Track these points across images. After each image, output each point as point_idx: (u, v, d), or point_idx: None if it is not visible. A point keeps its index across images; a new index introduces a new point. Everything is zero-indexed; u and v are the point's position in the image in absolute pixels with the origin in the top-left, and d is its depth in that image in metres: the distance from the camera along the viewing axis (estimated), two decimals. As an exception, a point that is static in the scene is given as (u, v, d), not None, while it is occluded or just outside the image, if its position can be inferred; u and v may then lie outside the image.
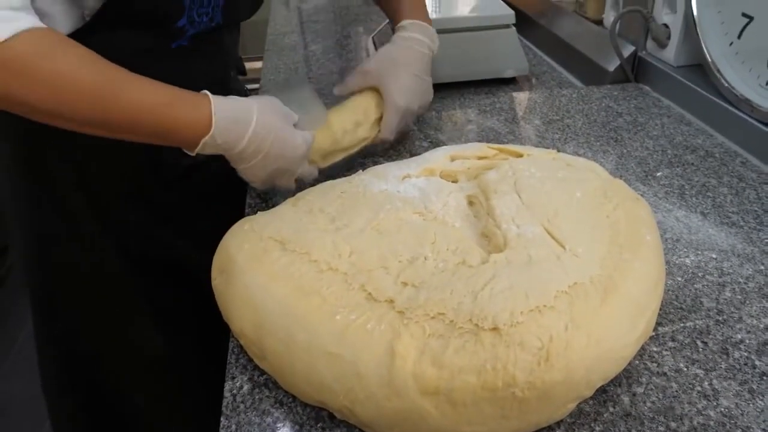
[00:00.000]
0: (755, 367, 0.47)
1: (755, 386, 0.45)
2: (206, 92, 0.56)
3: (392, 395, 0.40)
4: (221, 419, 0.45)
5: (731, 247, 0.60)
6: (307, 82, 0.95)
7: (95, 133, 0.54)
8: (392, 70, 0.71)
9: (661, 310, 0.51)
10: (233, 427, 0.44)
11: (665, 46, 0.90)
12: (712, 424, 0.43)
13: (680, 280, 0.56)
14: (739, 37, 0.79)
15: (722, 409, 0.44)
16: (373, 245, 0.48)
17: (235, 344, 0.51)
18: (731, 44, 0.80)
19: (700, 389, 0.45)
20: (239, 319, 0.47)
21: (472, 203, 0.55)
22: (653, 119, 0.85)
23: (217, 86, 0.76)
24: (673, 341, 0.49)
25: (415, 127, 0.82)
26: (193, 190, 0.74)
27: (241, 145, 0.57)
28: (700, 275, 0.56)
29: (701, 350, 0.49)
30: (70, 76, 0.49)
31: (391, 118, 0.70)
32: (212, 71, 0.74)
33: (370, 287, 0.44)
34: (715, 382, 0.46)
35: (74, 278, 0.70)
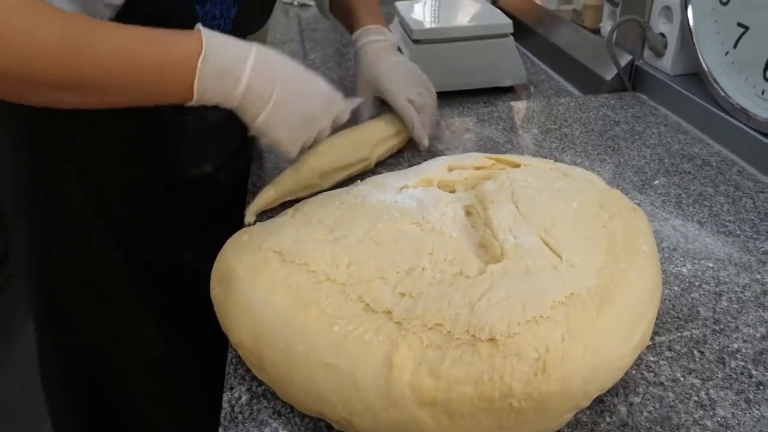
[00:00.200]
0: (752, 376, 0.47)
1: (752, 396, 0.46)
2: (198, 26, 0.52)
3: (390, 406, 0.40)
4: (219, 430, 0.45)
5: (728, 256, 0.60)
6: None
7: (70, 98, 0.49)
8: (374, 75, 0.74)
9: (657, 319, 0.52)
10: (232, 437, 0.44)
11: (662, 55, 0.91)
12: (708, 434, 0.43)
13: (677, 289, 0.56)
14: (735, 46, 0.79)
15: (719, 418, 0.44)
16: (371, 256, 0.48)
17: (233, 354, 0.51)
18: (727, 54, 0.80)
19: (696, 399, 0.46)
20: (238, 329, 0.47)
21: (469, 213, 0.55)
22: (650, 128, 0.85)
23: None
24: (669, 351, 0.50)
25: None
26: (200, 199, 0.74)
27: (243, 78, 0.52)
28: (696, 284, 0.56)
29: (698, 360, 0.49)
30: (31, 29, 0.45)
31: (406, 113, 0.72)
32: None
33: (367, 298, 0.45)
34: (711, 391, 0.46)
35: (75, 279, 0.70)
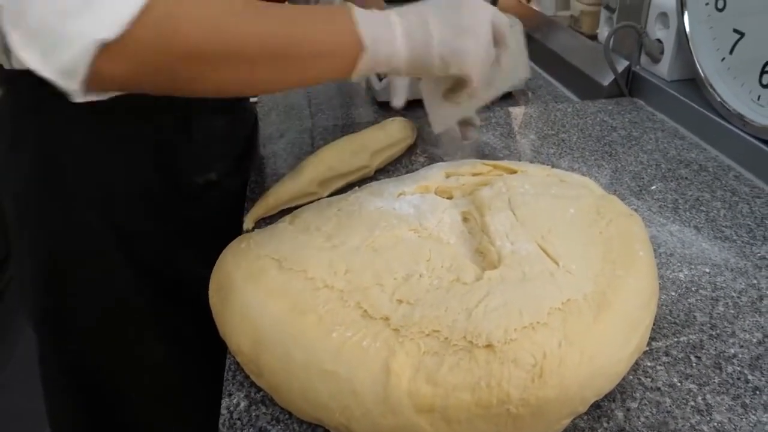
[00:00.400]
0: (748, 381, 0.47)
1: (748, 401, 0.46)
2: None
3: (388, 413, 0.41)
4: (218, 437, 0.45)
5: (724, 261, 0.60)
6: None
7: (234, 74, 0.47)
8: None
9: (654, 324, 0.52)
10: (230, 444, 0.45)
11: (659, 61, 0.92)
12: (705, 439, 0.43)
13: (674, 294, 0.56)
14: (731, 52, 0.80)
15: (715, 423, 0.44)
16: (368, 263, 0.48)
17: (232, 361, 0.51)
18: (723, 59, 0.81)
19: (693, 404, 0.46)
20: (236, 336, 0.48)
21: (466, 220, 0.55)
22: (647, 133, 0.86)
23: (232, 104, 0.77)
24: (666, 356, 0.50)
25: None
26: (203, 206, 0.74)
27: (402, 53, 0.52)
28: (693, 290, 0.57)
29: (695, 365, 0.49)
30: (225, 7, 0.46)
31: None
32: None
33: (365, 305, 0.45)
34: (708, 396, 0.46)
35: (80, 285, 0.70)
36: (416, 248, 0.50)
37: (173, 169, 0.68)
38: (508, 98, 1.01)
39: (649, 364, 0.49)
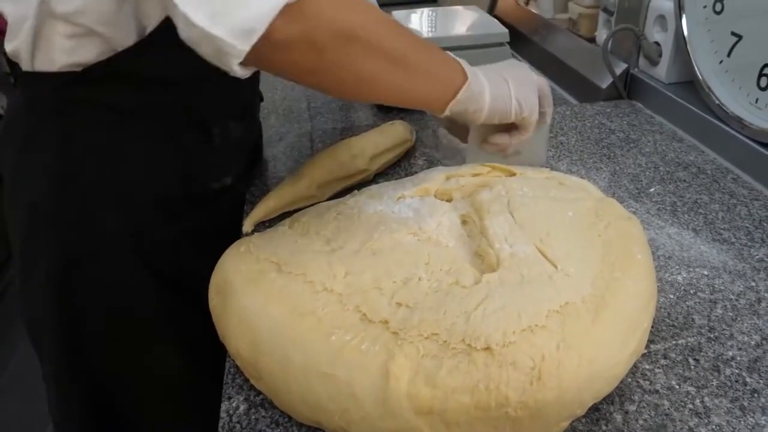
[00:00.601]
0: (746, 384, 0.47)
1: (746, 403, 0.46)
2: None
3: (387, 415, 0.41)
4: (218, 440, 0.45)
5: (723, 263, 0.60)
6: None
7: (379, 69, 0.52)
8: None
9: (653, 327, 0.52)
10: (230, 447, 0.45)
11: (657, 63, 0.92)
12: (703, 441, 0.43)
13: (672, 297, 0.56)
14: (728, 55, 0.80)
15: (714, 426, 0.44)
16: (367, 266, 0.48)
17: (231, 364, 0.51)
18: (721, 62, 0.81)
19: (692, 407, 0.46)
20: (236, 339, 0.48)
21: (465, 222, 0.56)
22: (646, 136, 0.86)
23: (248, 110, 0.78)
24: (665, 359, 0.50)
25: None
26: (219, 213, 0.74)
27: (485, 106, 0.59)
28: (692, 292, 0.57)
29: (693, 368, 0.49)
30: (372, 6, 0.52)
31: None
32: (245, 98, 0.77)
33: (364, 308, 0.45)
34: (706, 399, 0.46)
35: (99, 296, 0.70)
36: (415, 251, 0.50)
37: (192, 175, 0.68)
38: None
39: (647, 366, 0.49)
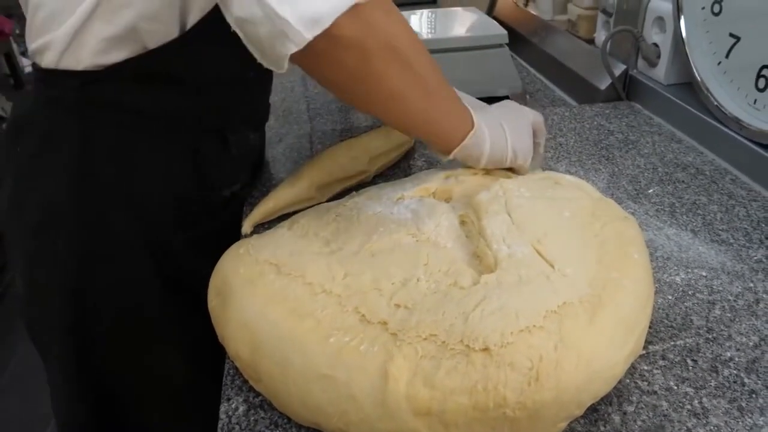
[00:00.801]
0: (744, 384, 0.48)
1: (744, 404, 0.46)
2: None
3: (385, 417, 0.41)
4: (217, 441, 0.45)
5: (721, 264, 0.60)
6: None
7: (405, 87, 0.53)
8: None
9: (651, 328, 0.52)
10: (229, 448, 0.45)
11: (655, 65, 0.92)
12: (701, 442, 0.43)
13: (671, 298, 0.56)
14: (727, 56, 0.80)
15: (712, 427, 0.44)
16: (366, 267, 0.49)
17: (230, 366, 0.51)
18: (719, 63, 0.81)
19: (690, 407, 0.46)
20: (235, 341, 0.48)
21: (464, 223, 0.56)
22: (644, 137, 0.86)
23: (263, 120, 0.79)
24: (663, 359, 0.50)
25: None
26: (227, 219, 0.74)
27: (485, 151, 0.61)
28: (690, 293, 0.57)
29: (691, 368, 0.49)
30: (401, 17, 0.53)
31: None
32: (262, 107, 0.78)
33: (363, 309, 0.45)
34: (705, 400, 0.46)
35: (113, 299, 0.70)
36: (414, 253, 0.50)
37: (208, 183, 0.69)
38: (505, 102, 1.02)
39: (645, 367, 0.49)
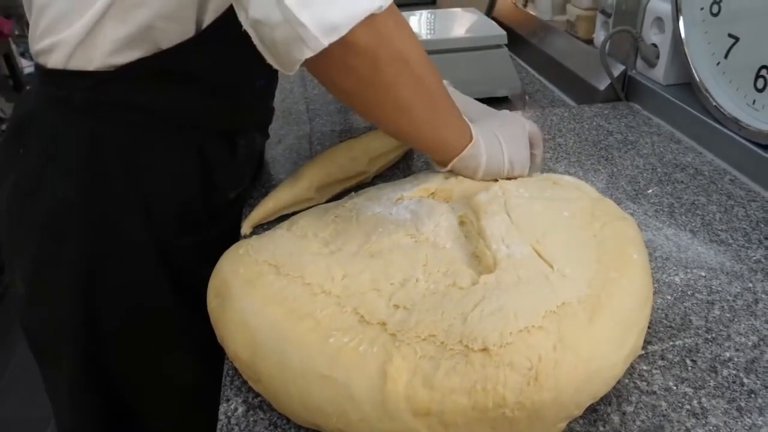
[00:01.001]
0: (743, 384, 0.48)
1: (743, 404, 0.46)
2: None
3: (385, 417, 0.41)
4: (216, 442, 0.45)
5: (720, 265, 0.60)
6: None
7: (411, 97, 0.54)
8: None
9: (650, 328, 0.52)
10: (228, 449, 0.45)
11: (654, 65, 0.92)
12: (701, 442, 0.44)
13: (670, 298, 0.56)
14: (725, 56, 0.80)
15: (711, 427, 0.44)
16: (365, 268, 0.49)
17: (229, 366, 0.51)
18: (718, 64, 0.81)
19: (689, 408, 0.46)
20: (234, 342, 0.48)
21: (463, 223, 0.56)
22: (643, 137, 0.86)
23: (268, 123, 0.80)
24: (662, 360, 0.50)
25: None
26: (230, 221, 0.74)
27: (482, 163, 0.61)
28: (689, 293, 0.57)
29: (690, 368, 0.49)
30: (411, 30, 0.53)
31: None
32: (271, 103, 0.78)
33: (362, 310, 0.45)
34: (704, 400, 0.46)
35: (121, 302, 0.69)
36: (413, 253, 0.50)
37: (215, 186, 0.69)
38: (504, 103, 1.02)
39: (644, 367, 0.49)
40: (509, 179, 0.64)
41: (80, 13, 0.56)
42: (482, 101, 0.71)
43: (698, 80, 0.83)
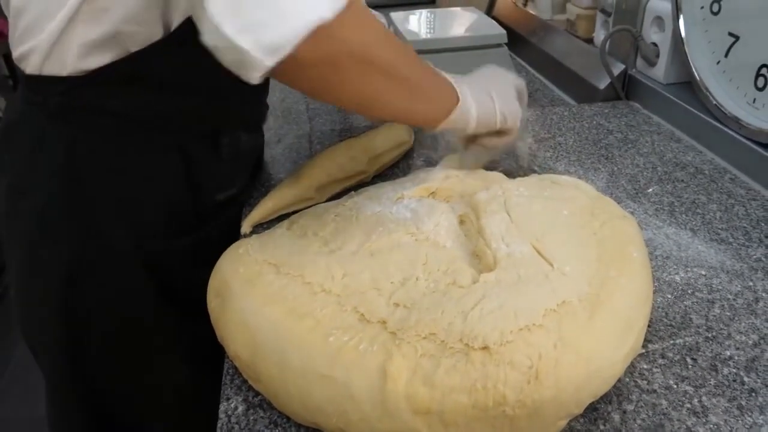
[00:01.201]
0: (744, 383, 0.48)
1: (744, 402, 0.46)
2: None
3: (385, 416, 0.41)
4: (216, 441, 0.45)
5: (720, 263, 0.60)
6: None
7: (381, 87, 0.53)
8: None
9: (651, 327, 0.52)
10: (228, 448, 0.45)
11: (654, 64, 0.92)
12: (701, 440, 0.43)
13: (670, 297, 0.56)
14: (726, 55, 0.80)
15: (711, 425, 0.44)
16: (365, 267, 0.49)
17: (230, 365, 0.51)
18: (718, 63, 0.81)
19: (689, 406, 0.46)
20: (234, 342, 0.48)
21: (463, 222, 0.56)
22: (643, 136, 0.86)
23: (257, 121, 0.79)
24: (663, 358, 0.50)
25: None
26: (224, 224, 0.74)
27: (473, 117, 0.61)
28: (689, 292, 0.57)
29: (690, 367, 0.49)
30: (376, 23, 0.52)
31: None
32: (256, 108, 0.77)
33: (362, 309, 0.45)
34: (704, 398, 0.46)
35: (105, 307, 0.69)
36: (413, 252, 0.50)
37: (199, 187, 0.68)
38: (505, 102, 1.02)
39: (645, 366, 0.49)
40: (501, 132, 0.65)
41: (50, 18, 0.56)
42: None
43: (698, 79, 0.83)
